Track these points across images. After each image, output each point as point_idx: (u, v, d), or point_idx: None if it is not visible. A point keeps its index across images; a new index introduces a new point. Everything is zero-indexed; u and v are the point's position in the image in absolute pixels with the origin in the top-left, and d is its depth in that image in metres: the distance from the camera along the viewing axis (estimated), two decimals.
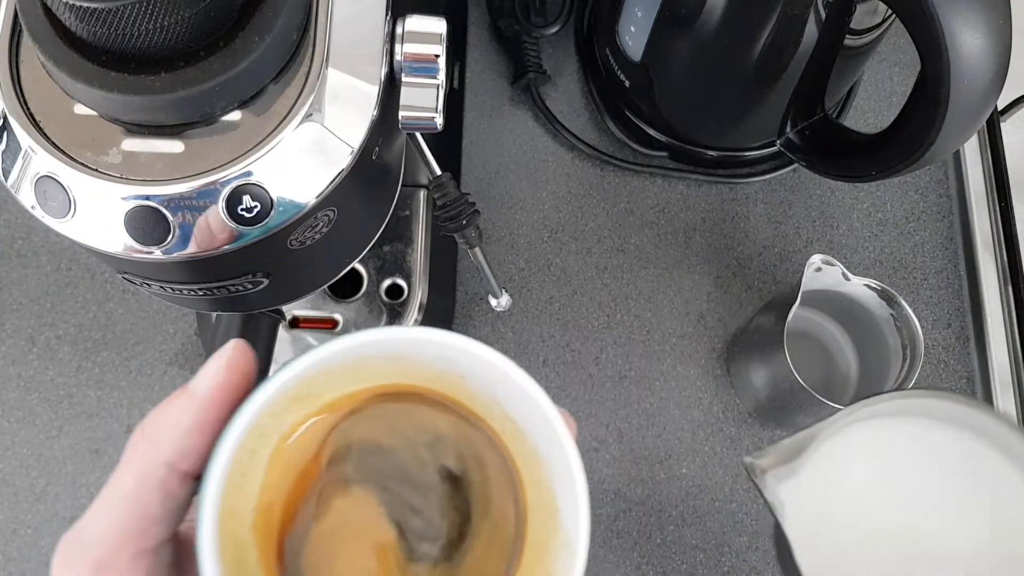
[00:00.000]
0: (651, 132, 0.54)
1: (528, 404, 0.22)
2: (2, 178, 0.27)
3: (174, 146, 0.25)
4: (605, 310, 0.54)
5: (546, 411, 0.21)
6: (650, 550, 0.50)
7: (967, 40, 0.35)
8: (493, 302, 0.49)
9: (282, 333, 0.48)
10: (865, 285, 0.46)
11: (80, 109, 0.26)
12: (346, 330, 0.49)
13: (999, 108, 0.58)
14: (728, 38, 0.44)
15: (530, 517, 0.23)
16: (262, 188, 0.26)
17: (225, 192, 0.25)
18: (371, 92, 0.28)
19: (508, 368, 0.21)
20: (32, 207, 0.26)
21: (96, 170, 0.25)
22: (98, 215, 0.26)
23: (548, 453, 0.22)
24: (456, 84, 0.56)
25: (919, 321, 0.45)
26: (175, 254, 0.26)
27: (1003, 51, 0.35)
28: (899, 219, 0.57)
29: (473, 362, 0.22)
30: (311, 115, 0.26)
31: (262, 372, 0.34)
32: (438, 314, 0.51)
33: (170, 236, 0.26)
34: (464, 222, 0.37)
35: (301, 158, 0.26)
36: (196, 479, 0.22)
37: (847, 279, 0.46)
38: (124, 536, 0.21)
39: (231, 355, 0.22)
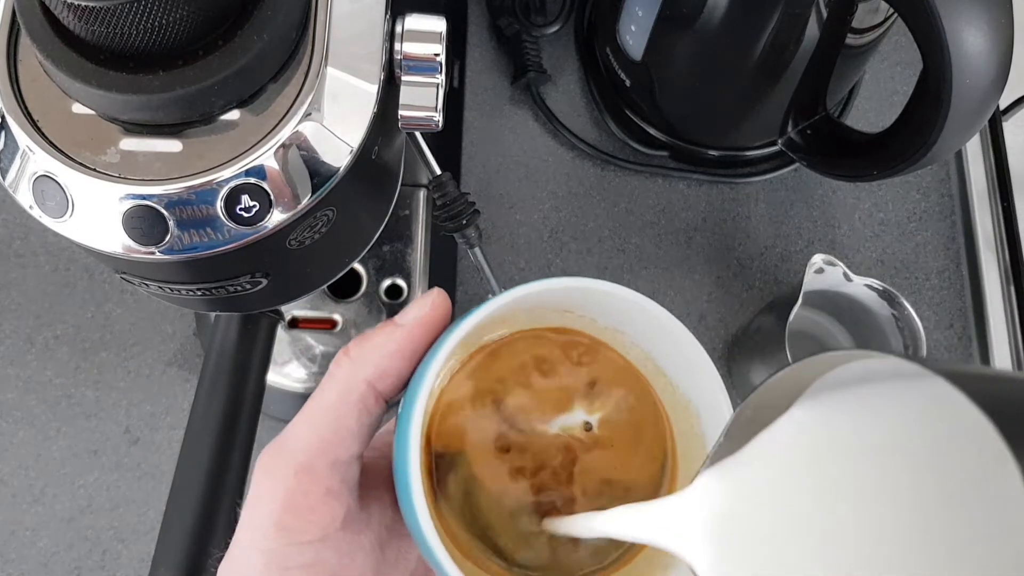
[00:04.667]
0: (652, 131, 0.54)
1: (685, 360, 0.23)
2: (0, 178, 0.26)
3: (173, 145, 0.25)
4: None
5: (706, 369, 0.23)
6: None
7: (969, 39, 0.34)
8: None
9: (281, 333, 0.48)
10: (867, 285, 0.46)
11: (78, 108, 0.25)
12: (345, 331, 0.49)
13: (1001, 108, 0.58)
14: (729, 37, 0.44)
15: (679, 464, 0.25)
16: (261, 188, 0.26)
17: (224, 192, 0.25)
18: (370, 91, 0.27)
19: (674, 325, 0.23)
20: (30, 207, 0.26)
21: (94, 170, 0.25)
22: (96, 215, 0.25)
23: (700, 405, 0.24)
24: (456, 83, 0.56)
25: (921, 321, 0.45)
26: (173, 254, 0.26)
27: (1005, 50, 0.35)
28: (901, 219, 0.56)
29: (635, 313, 0.23)
30: (310, 114, 0.26)
31: (262, 373, 0.34)
32: None
33: (168, 236, 0.26)
34: (464, 222, 0.37)
35: (300, 157, 0.26)
36: (386, 403, 0.24)
37: (849, 279, 0.46)
38: (324, 444, 0.23)
39: (435, 297, 0.24)
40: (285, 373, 0.49)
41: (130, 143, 0.25)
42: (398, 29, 0.29)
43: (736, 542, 0.17)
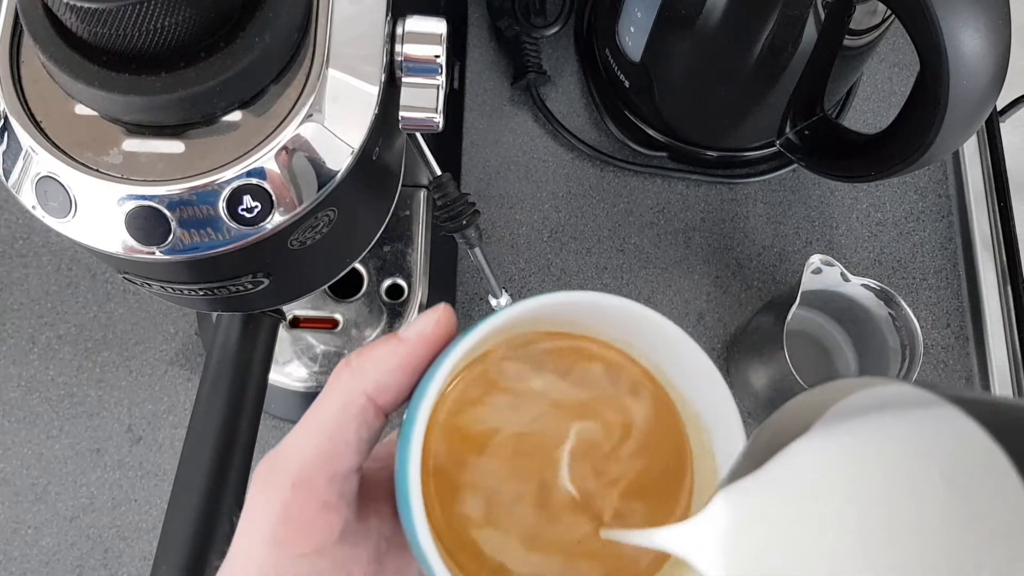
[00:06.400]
0: (651, 132, 0.54)
1: (694, 370, 0.23)
2: (3, 178, 0.27)
3: (175, 146, 0.26)
4: None
5: (713, 378, 0.22)
6: None
7: (966, 40, 0.35)
8: (493, 302, 0.49)
9: (282, 333, 0.48)
10: (864, 285, 0.46)
11: (81, 109, 0.26)
12: (346, 331, 0.49)
13: (998, 108, 0.58)
14: (728, 38, 0.44)
15: (696, 475, 0.24)
16: (263, 188, 0.26)
17: (226, 192, 0.25)
18: (371, 92, 0.28)
19: (682, 337, 0.23)
20: (33, 207, 0.26)
21: (97, 170, 0.25)
22: (99, 215, 0.26)
23: (709, 419, 0.23)
24: (456, 84, 0.56)
25: (918, 321, 0.45)
26: (175, 254, 0.26)
27: (1002, 51, 0.35)
28: (898, 219, 0.57)
29: (642, 325, 0.23)
30: (311, 115, 0.26)
31: (263, 372, 0.34)
32: None
33: (170, 236, 0.26)
34: (464, 222, 0.37)
35: (302, 158, 0.26)
36: (386, 416, 0.24)
37: (846, 279, 0.46)
38: (322, 457, 0.23)
39: (441, 314, 0.24)
40: (286, 372, 0.49)
41: (132, 144, 0.25)
42: (399, 31, 0.29)
43: (751, 560, 0.18)
